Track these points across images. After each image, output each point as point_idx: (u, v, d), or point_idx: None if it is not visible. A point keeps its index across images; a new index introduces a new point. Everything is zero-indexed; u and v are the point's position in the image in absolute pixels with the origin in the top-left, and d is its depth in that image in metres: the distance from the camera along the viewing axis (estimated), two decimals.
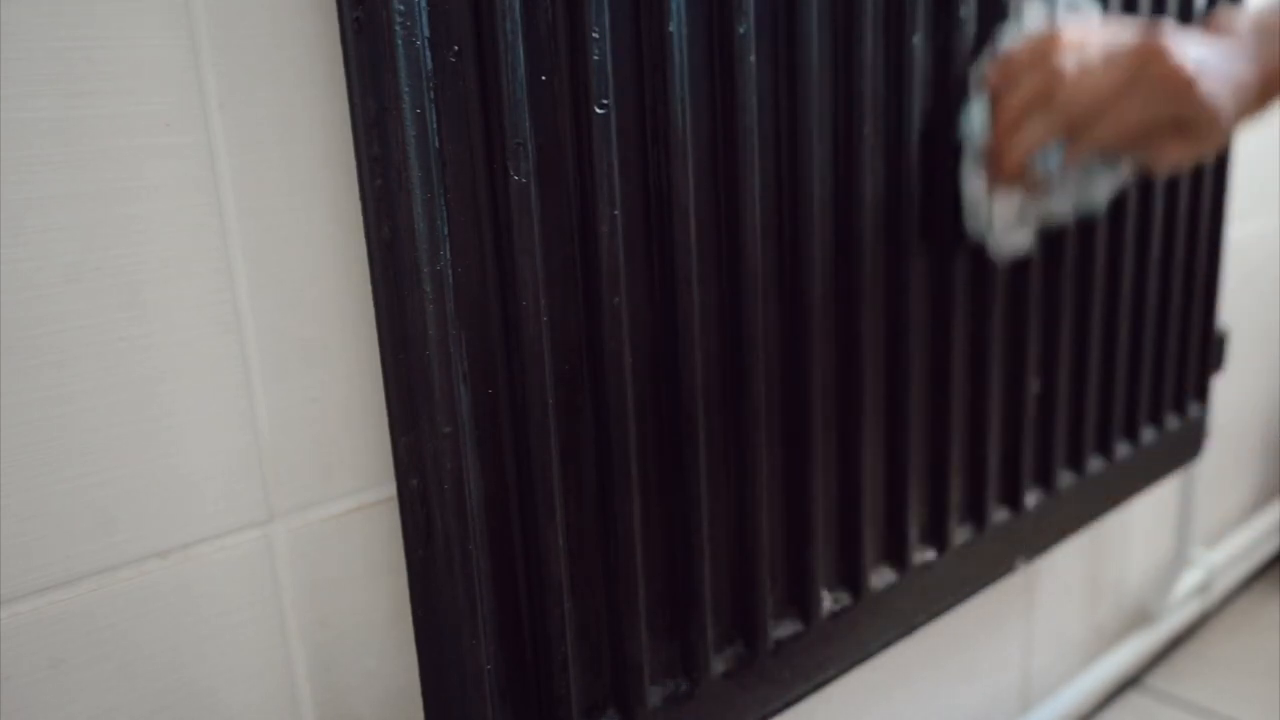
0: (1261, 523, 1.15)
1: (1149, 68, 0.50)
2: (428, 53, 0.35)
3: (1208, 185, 0.77)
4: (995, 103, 0.54)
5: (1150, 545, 0.99)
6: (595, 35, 0.38)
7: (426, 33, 0.35)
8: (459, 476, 0.38)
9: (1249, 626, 1.07)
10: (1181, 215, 0.74)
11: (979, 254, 0.58)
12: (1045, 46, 0.52)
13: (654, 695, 0.47)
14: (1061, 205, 0.58)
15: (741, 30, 0.43)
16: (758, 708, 0.51)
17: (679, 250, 0.42)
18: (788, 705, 0.53)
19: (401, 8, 0.33)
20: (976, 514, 0.63)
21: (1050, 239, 0.63)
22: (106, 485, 0.33)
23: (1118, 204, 0.68)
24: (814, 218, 0.48)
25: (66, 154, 0.31)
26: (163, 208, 0.33)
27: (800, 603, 0.52)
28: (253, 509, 0.37)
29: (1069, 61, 0.51)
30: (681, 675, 0.48)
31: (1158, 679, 1.00)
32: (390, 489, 0.40)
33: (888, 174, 0.52)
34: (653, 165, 0.42)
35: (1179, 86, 0.50)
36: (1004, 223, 0.57)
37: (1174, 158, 0.54)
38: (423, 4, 0.34)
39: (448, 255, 0.36)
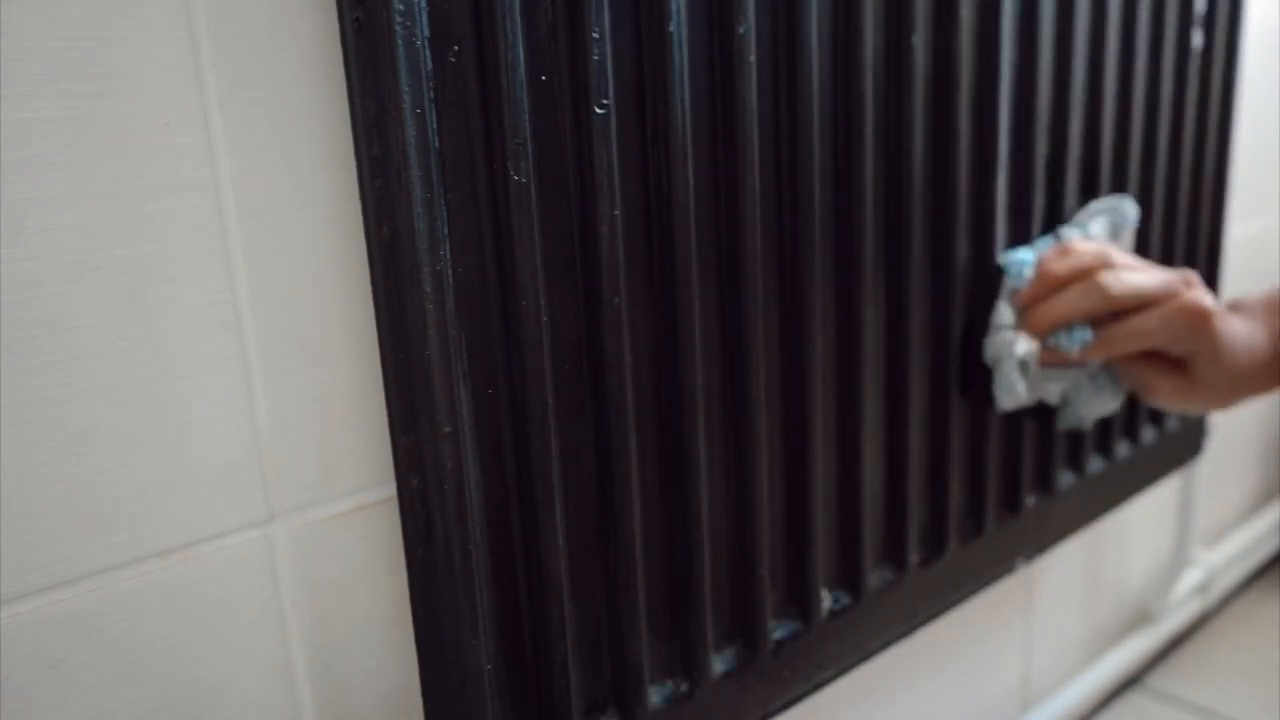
0: (1261, 523, 1.15)
1: (1179, 295, 0.57)
2: (428, 53, 0.35)
3: (1208, 185, 0.77)
4: (1046, 264, 0.59)
5: (1150, 545, 0.99)
6: (595, 35, 0.38)
7: (426, 33, 0.35)
8: (459, 476, 0.38)
9: (1249, 626, 1.07)
10: (1182, 215, 0.74)
11: (980, 252, 0.58)
12: (1102, 249, 0.60)
13: (654, 695, 0.47)
14: (1052, 394, 0.62)
15: (741, 30, 0.43)
16: (758, 708, 0.51)
17: (679, 250, 0.42)
18: (788, 705, 0.53)
19: (401, 8, 0.33)
20: (976, 514, 0.63)
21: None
22: (106, 485, 0.33)
23: None
24: (814, 217, 0.48)
25: (67, 154, 0.31)
26: (162, 208, 0.33)
27: (800, 603, 0.52)
28: (253, 509, 0.37)
29: (1120, 253, 0.59)
30: (681, 675, 0.48)
31: (1158, 679, 1.00)
32: (390, 489, 0.40)
33: (887, 173, 0.52)
34: (653, 165, 0.42)
35: (1198, 317, 0.57)
36: (1012, 367, 0.59)
37: (1174, 398, 0.60)
38: (423, 4, 0.34)
39: (448, 255, 0.36)
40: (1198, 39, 0.72)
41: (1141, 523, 0.97)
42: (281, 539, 0.38)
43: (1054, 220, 0.63)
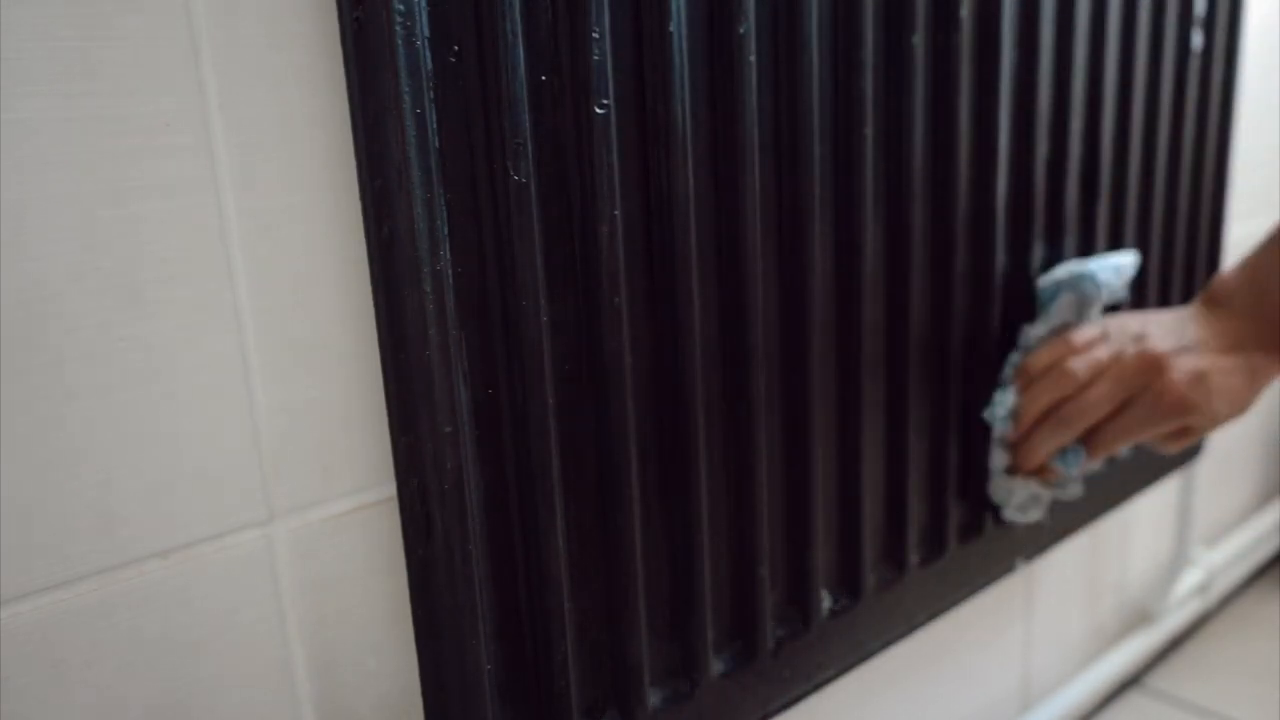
0: (1261, 523, 1.15)
1: (1150, 385, 0.55)
2: (428, 53, 0.35)
3: (1208, 185, 0.77)
4: (1021, 400, 0.59)
5: (1150, 545, 0.99)
6: (595, 35, 0.38)
7: (426, 33, 0.35)
8: (459, 476, 0.38)
9: (1249, 626, 1.07)
10: (1182, 215, 0.74)
11: (979, 253, 0.58)
12: (1059, 353, 0.58)
13: (654, 695, 0.47)
14: (1075, 491, 0.63)
15: (741, 30, 0.43)
16: (758, 708, 0.51)
17: (679, 250, 0.42)
18: (788, 705, 0.53)
19: (401, 8, 0.33)
20: (976, 514, 0.63)
21: (1051, 239, 0.63)
22: (106, 485, 0.33)
23: (1118, 203, 0.68)
24: (814, 217, 0.48)
25: (66, 154, 0.31)
26: (163, 208, 0.33)
27: (800, 603, 0.52)
28: (253, 509, 0.37)
29: (1080, 369, 0.57)
30: (681, 675, 0.48)
31: (1158, 679, 1.00)
32: (390, 489, 0.40)
33: (887, 172, 0.52)
34: (653, 165, 0.42)
35: (1176, 404, 0.55)
36: (1021, 503, 0.62)
37: (1181, 446, 0.59)
38: (423, 4, 0.34)
39: (448, 255, 0.36)
40: (1198, 40, 0.72)
41: (1141, 523, 0.97)
42: (281, 539, 0.38)
43: (1054, 219, 0.63)
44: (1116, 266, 0.62)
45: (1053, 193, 0.62)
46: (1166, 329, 0.58)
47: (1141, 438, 0.57)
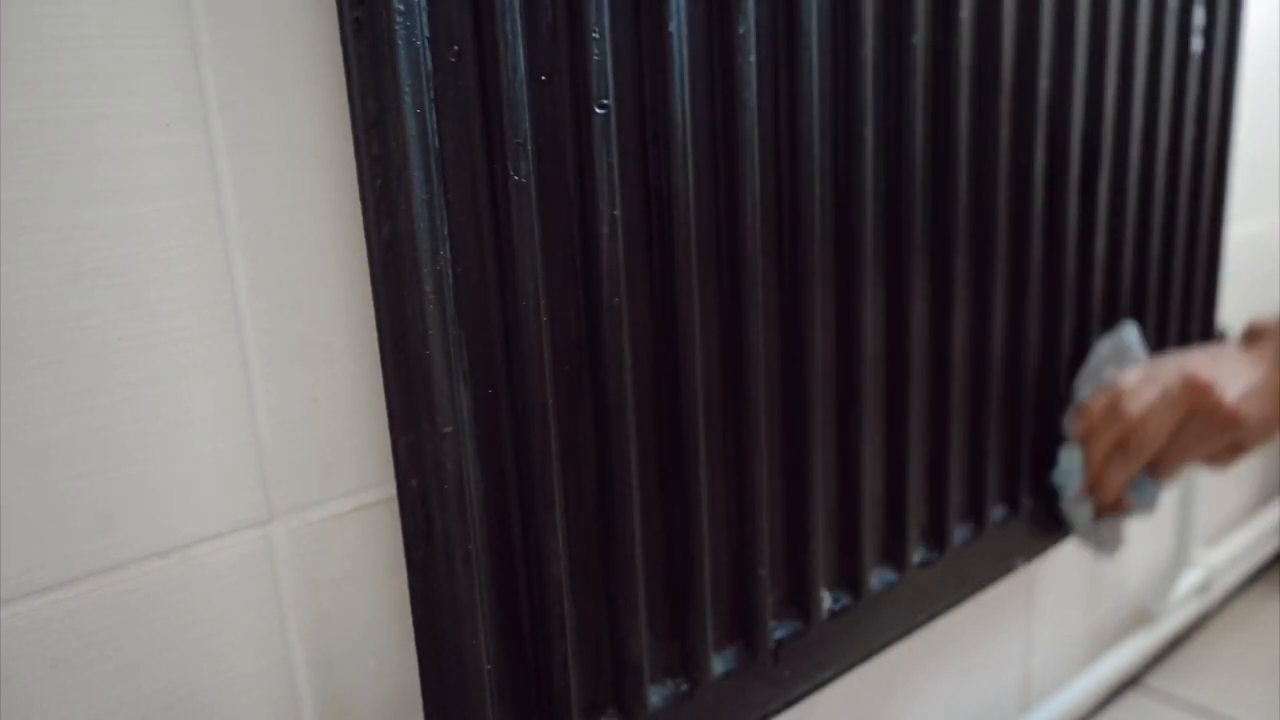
0: (1261, 523, 1.15)
1: (1198, 408, 0.61)
2: (428, 53, 0.35)
3: (1208, 185, 0.77)
4: (1085, 450, 0.66)
5: (1150, 545, 0.99)
6: (595, 35, 0.38)
7: (426, 33, 0.35)
8: (459, 476, 0.38)
9: (1249, 626, 1.07)
10: (1181, 215, 0.74)
11: (980, 251, 0.58)
12: (1112, 397, 0.64)
13: (654, 695, 0.47)
14: (1150, 511, 0.69)
15: (741, 30, 0.43)
16: (758, 708, 0.51)
17: (679, 250, 0.42)
18: (788, 705, 0.53)
19: (401, 8, 0.33)
20: (976, 514, 0.63)
21: (1050, 239, 0.63)
22: (106, 485, 0.33)
23: (1118, 204, 0.68)
24: (814, 217, 0.48)
25: (66, 154, 0.31)
26: (163, 208, 0.33)
27: (800, 603, 0.52)
28: (253, 509, 0.37)
29: (1134, 407, 0.63)
30: (681, 675, 0.48)
31: (1158, 679, 1.00)
32: (390, 489, 0.40)
33: (887, 172, 0.52)
34: (653, 165, 0.42)
35: (1228, 419, 0.60)
36: (1111, 537, 0.70)
37: (1233, 462, 0.64)
38: (423, 4, 0.34)
39: (448, 255, 0.36)
40: (1197, 43, 0.72)
41: (1141, 523, 0.97)
42: (281, 539, 0.38)
43: (1054, 213, 0.63)
44: (1136, 338, 0.69)
45: (1052, 192, 0.62)
46: (1205, 358, 0.63)
47: (1199, 456, 0.62)
